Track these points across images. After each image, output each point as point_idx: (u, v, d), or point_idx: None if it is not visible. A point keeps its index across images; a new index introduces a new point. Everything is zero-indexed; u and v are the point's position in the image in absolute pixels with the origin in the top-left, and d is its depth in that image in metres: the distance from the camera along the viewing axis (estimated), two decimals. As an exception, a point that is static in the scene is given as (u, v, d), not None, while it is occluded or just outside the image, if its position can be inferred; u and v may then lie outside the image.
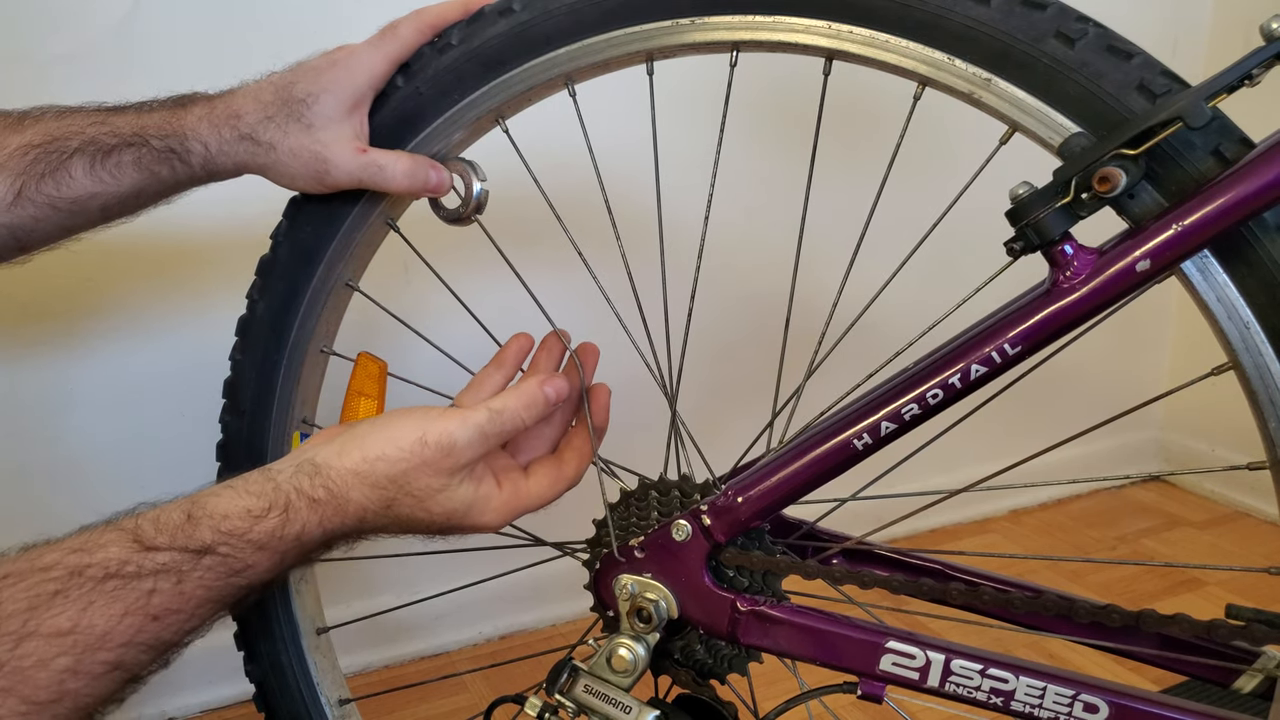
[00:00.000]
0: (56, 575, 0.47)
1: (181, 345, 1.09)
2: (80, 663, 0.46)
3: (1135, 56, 0.51)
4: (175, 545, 0.50)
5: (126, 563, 0.48)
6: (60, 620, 0.46)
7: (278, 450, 0.75)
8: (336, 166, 0.65)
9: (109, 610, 0.47)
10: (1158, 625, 0.55)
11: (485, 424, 0.58)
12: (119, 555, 0.48)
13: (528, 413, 0.61)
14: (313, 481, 0.54)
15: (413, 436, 0.56)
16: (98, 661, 0.47)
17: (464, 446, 0.57)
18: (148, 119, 0.65)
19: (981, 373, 0.56)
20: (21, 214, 0.63)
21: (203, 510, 0.51)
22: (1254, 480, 1.61)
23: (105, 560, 0.48)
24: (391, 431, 0.56)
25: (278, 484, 0.53)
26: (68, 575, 0.47)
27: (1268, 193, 0.48)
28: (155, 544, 0.49)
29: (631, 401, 0.96)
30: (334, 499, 0.54)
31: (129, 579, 0.48)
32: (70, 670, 0.46)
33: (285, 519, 0.53)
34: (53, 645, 0.46)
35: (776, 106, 1.17)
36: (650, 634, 0.66)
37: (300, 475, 0.54)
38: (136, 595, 0.48)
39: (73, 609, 0.46)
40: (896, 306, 0.75)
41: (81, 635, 0.46)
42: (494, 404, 0.59)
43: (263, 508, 0.52)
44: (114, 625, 0.47)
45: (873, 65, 0.58)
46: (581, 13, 0.62)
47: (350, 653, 1.24)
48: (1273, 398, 0.51)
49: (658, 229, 0.70)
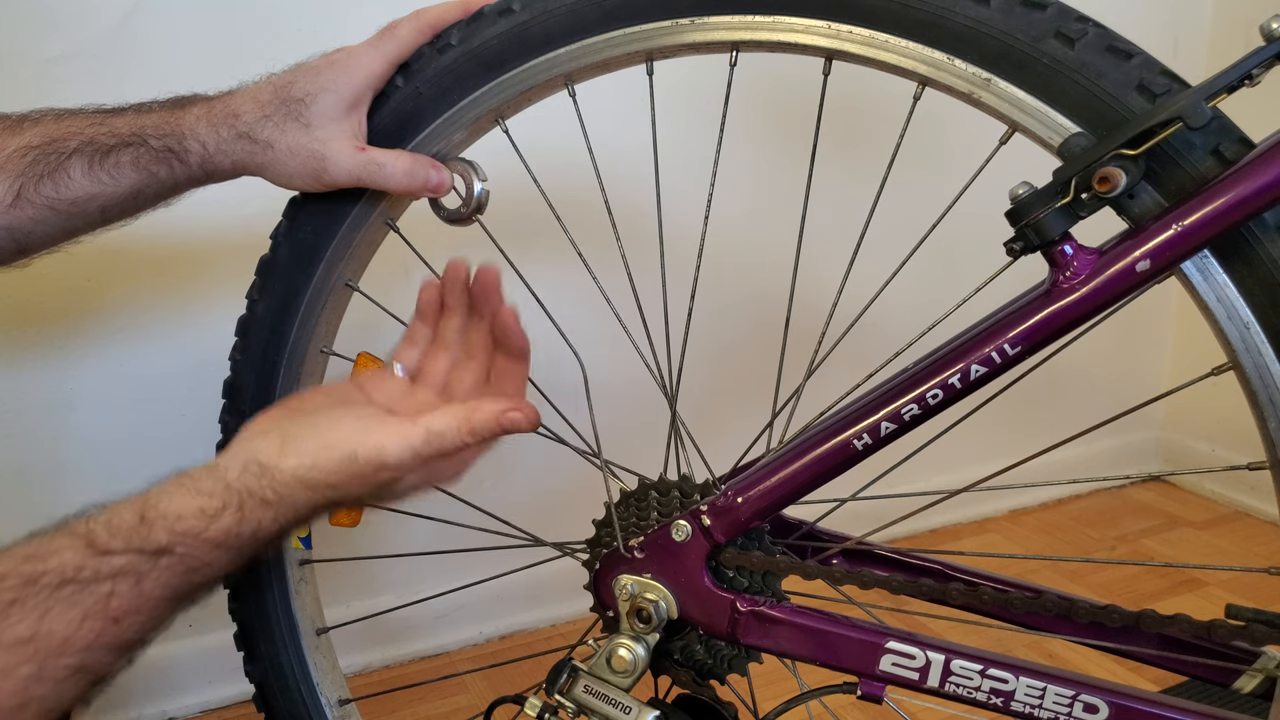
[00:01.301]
0: (11, 584, 0.46)
1: (181, 346, 1.09)
2: (43, 669, 0.47)
3: (1135, 56, 0.51)
4: (131, 548, 0.50)
5: (82, 568, 0.48)
6: (19, 629, 0.46)
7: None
8: (335, 165, 0.65)
9: (67, 615, 0.47)
10: (1158, 625, 0.55)
11: (420, 446, 0.56)
12: (73, 560, 0.48)
13: (473, 438, 0.57)
14: (259, 482, 0.54)
15: (344, 450, 0.55)
16: (60, 666, 0.47)
17: (394, 464, 0.56)
18: (146, 119, 0.65)
19: (981, 373, 0.56)
20: (20, 215, 0.63)
21: (156, 511, 0.51)
22: (1254, 480, 1.61)
23: (60, 566, 0.48)
24: (326, 438, 0.55)
25: (228, 483, 0.53)
26: (22, 584, 0.47)
27: (1268, 193, 0.48)
28: (110, 548, 0.49)
29: (631, 401, 0.96)
30: (282, 500, 0.55)
31: (85, 584, 0.48)
32: (34, 677, 0.46)
33: (241, 517, 0.53)
34: (14, 654, 0.46)
35: (776, 107, 1.17)
36: (650, 634, 0.66)
37: (248, 475, 0.54)
38: (94, 599, 0.48)
39: (31, 617, 0.46)
40: (896, 306, 0.75)
41: (42, 642, 0.47)
42: (435, 424, 0.56)
43: (216, 507, 0.52)
44: (74, 630, 0.48)
45: (872, 65, 0.58)
46: (581, 13, 0.62)
47: (350, 653, 1.24)
48: (1273, 398, 0.51)
49: (657, 229, 0.70)
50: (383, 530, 1.21)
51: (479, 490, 0.83)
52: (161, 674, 1.18)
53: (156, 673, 1.18)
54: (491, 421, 0.56)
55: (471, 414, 0.56)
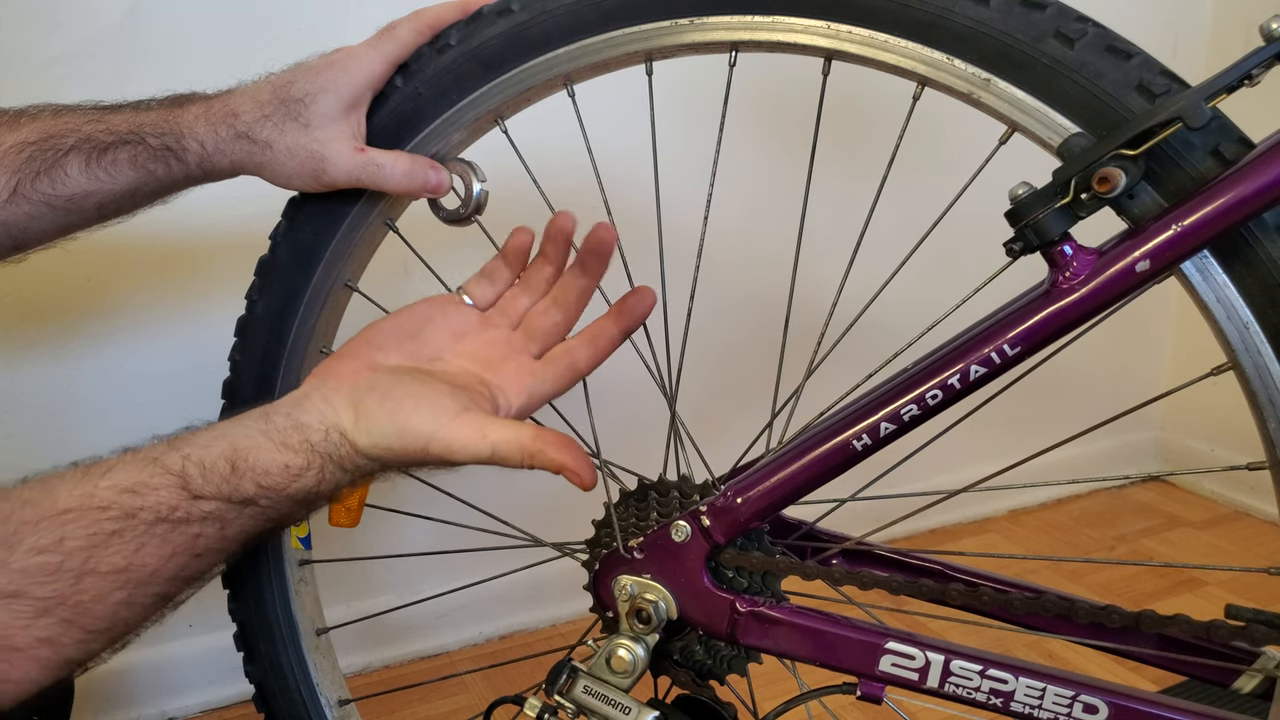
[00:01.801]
0: (113, 515, 0.50)
1: (181, 346, 1.09)
2: (132, 596, 0.52)
3: (1135, 56, 0.51)
4: (220, 495, 0.53)
5: (176, 508, 0.52)
6: (116, 559, 0.50)
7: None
8: (334, 165, 0.65)
9: (159, 551, 0.52)
10: (1157, 626, 0.55)
11: (483, 458, 0.58)
12: (169, 500, 0.52)
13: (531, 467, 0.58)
14: (339, 450, 0.57)
15: (417, 444, 0.57)
16: (147, 594, 0.53)
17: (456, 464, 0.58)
18: (144, 117, 0.65)
19: (981, 373, 0.56)
20: (17, 211, 0.63)
21: (245, 463, 0.54)
22: (1254, 480, 1.61)
23: (156, 504, 0.51)
24: (401, 423, 0.57)
25: (312, 445, 0.56)
26: (122, 516, 0.51)
27: (1267, 193, 0.48)
28: (203, 493, 0.53)
29: (631, 402, 0.96)
30: (356, 469, 0.58)
31: (178, 524, 0.52)
32: (124, 603, 0.52)
33: (321, 478, 0.56)
34: (109, 581, 0.50)
35: (775, 107, 1.17)
36: (649, 635, 0.66)
37: (329, 441, 0.56)
38: (184, 538, 0.53)
39: (127, 549, 0.51)
40: (896, 306, 0.75)
41: (134, 573, 0.51)
42: (501, 448, 0.57)
43: (300, 466, 0.55)
44: (163, 564, 0.52)
45: (872, 65, 0.58)
46: (580, 13, 0.62)
47: (350, 653, 1.25)
48: (1272, 398, 0.51)
49: (657, 229, 0.70)
50: (383, 530, 1.21)
51: (479, 490, 0.83)
52: (161, 674, 1.18)
53: (156, 673, 1.18)
54: (552, 466, 0.57)
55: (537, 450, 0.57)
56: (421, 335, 0.64)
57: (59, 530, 0.49)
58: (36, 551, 0.49)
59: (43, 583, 0.49)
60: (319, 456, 0.56)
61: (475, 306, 0.68)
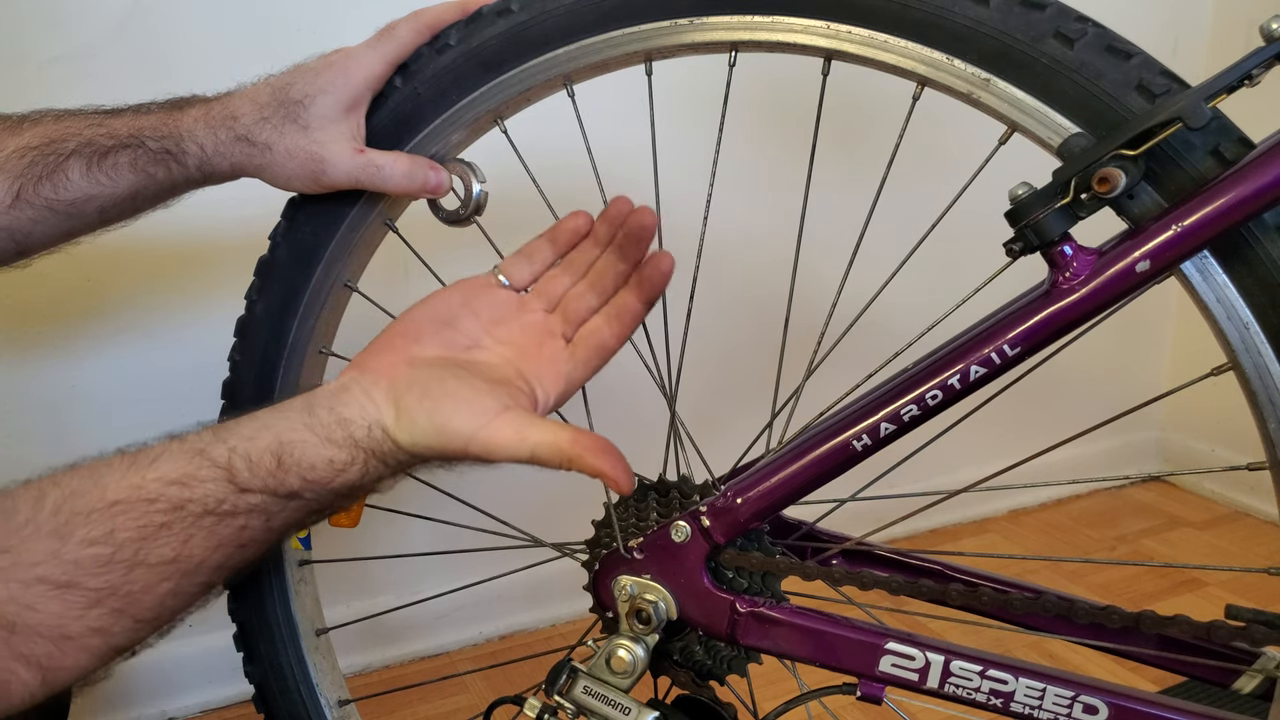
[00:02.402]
0: (161, 508, 0.51)
1: (181, 346, 1.09)
2: (180, 586, 0.53)
3: (1135, 56, 0.51)
4: (266, 489, 0.54)
5: (222, 501, 0.53)
6: (165, 551, 0.52)
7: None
8: (333, 166, 0.65)
9: (206, 543, 0.53)
10: (1157, 626, 0.55)
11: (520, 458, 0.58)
12: (216, 493, 0.53)
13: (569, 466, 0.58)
14: (382, 446, 0.57)
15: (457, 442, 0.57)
16: (194, 584, 0.54)
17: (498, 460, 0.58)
18: (144, 121, 0.65)
19: (981, 374, 0.56)
20: (20, 216, 0.63)
21: (291, 458, 0.54)
22: (1254, 480, 1.61)
23: (204, 497, 0.52)
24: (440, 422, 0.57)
25: (356, 440, 0.56)
26: (171, 509, 0.52)
27: (1267, 193, 0.48)
28: (249, 486, 0.53)
29: (630, 402, 0.96)
30: (400, 463, 0.58)
31: (224, 516, 0.53)
32: (171, 593, 0.53)
33: (364, 473, 0.56)
34: (158, 573, 0.52)
35: (775, 107, 1.17)
36: (649, 635, 0.66)
37: (372, 438, 0.57)
38: (230, 531, 0.54)
39: (176, 541, 0.52)
40: (896, 306, 0.75)
41: (182, 564, 0.52)
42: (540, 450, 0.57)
43: (344, 461, 0.56)
44: (209, 554, 0.53)
45: (871, 65, 0.58)
46: (580, 13, 0.62)
47: (350, 653, 1.24)
48: (1272, 398, 0.51)
49: (657, 229, 0.70)
50: (383, 530, 1.21)
51: (479, 490, 0.83)
52: (161, 674, 1.18)
53: (156, 673, 1.18)
54: (590, 471, 0.57)
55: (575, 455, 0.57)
56: (458, 322, 0.63)
57: (109, 522, 0.50)
58: (88, 543, 0.50)
59: (95, 574, 0.50)
60: (362, 452, 0.56)
61: (511, 287, 0.67)
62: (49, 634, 0.49)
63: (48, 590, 0.49)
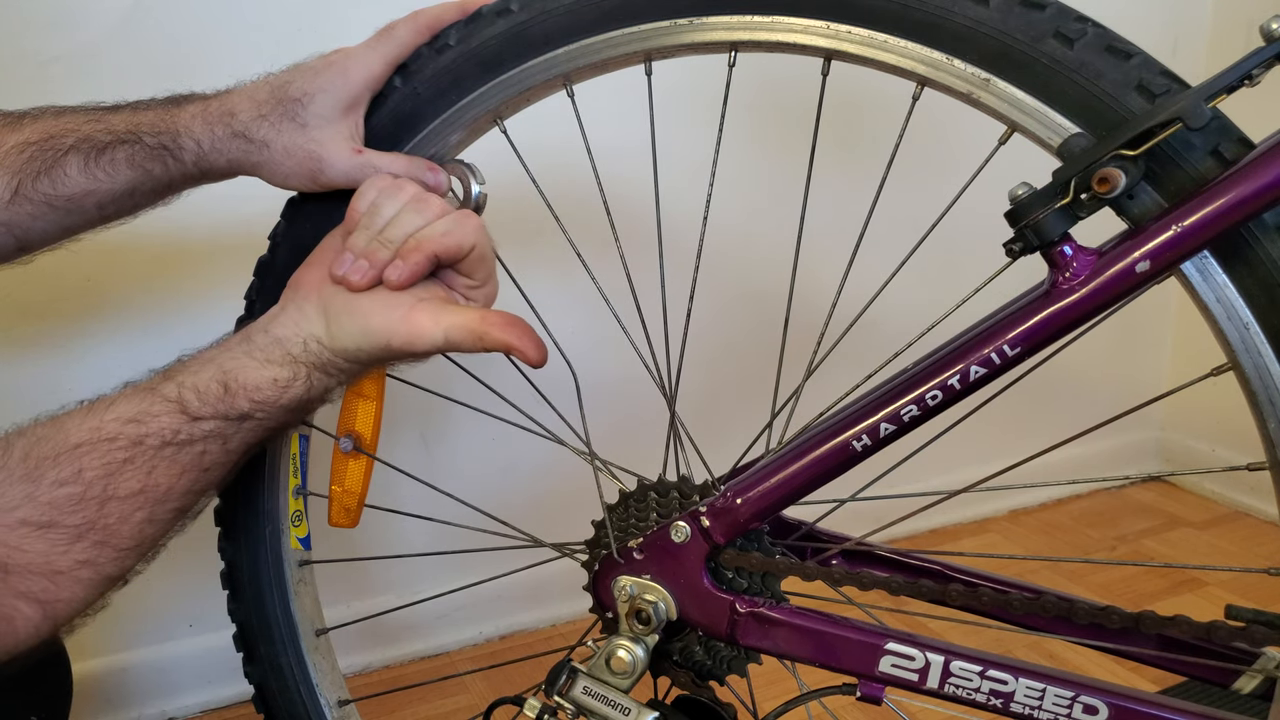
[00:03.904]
0: (121, 445, 0.55)
1: (181, 346, 1.08)
2: (153, 514, 0.57)
3: (1134, 56, 0.51)
4: (218, 414, 0.58)
5: (178, 431, 0.57)
6: (132, 483, 0.56)
7: (277, 454, 0.75)
8: (331, 166, 0.65)
9: (170, 471, 0.57)
10: (1157, 626, 0.55)
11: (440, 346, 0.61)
12: (171, 425, 0.57)
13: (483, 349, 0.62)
14: (319, 357, 0.61)
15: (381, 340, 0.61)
16: (167, 510, 0.58)
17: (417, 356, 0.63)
18: (142, 116, 0.65)
19: (981, 374, 0.56)
20: (19, 212, 0.64)
21: (236, 382, 0.59)
22: (1254, 480, 1.61)
23: (159, 430, 0.56)
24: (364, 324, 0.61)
25: (294, 356, 0.61)
26: (130, 444, 0.56)
27: (1267, 193, 0.48)
28: (201, 414, 0.58)
29: (630, 402, 0.96)
30: (337, 371, 0.63)
31: (182, 445, 0.57)
32: (146, 520, 0.57)
33: (309, 385, 0.61)
34: (130, 504, 0.56)
35: (775, 106, 1.17)
36: (649, 635, 0.66)
37: (309, 351, 0.61)
38: (190, 457, 0.58)
39: (140, 473, 0.56)
40: (896, 306, 0.75)
41: (151, 493, 0.56)
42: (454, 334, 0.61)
43: (287, 378, 0.60)
44: (175, 481, 0.57)
45: (871, 65, 0.58)
46: (579, 13, 0.62)
47: (350, 653, 1.24)
48: (1272, 398, 0.51)
49: (656, 229, 0.70)
50: (383, 530, 1.21)
51: (479, 490, 0.83)
52: (161, 674, 1.18)
53: (156, 673, 1.18)
54: (499, 346, 0.61)
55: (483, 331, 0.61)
56: None
57: (76, 463, 0.54)
58: (59, 484, 0.53)
59: (70, 512, 0.54)
60: (303, 366, 0.60)
61: None
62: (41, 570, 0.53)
63: (30, 531, 0.53)
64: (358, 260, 0.61)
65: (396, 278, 0.61)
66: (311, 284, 0.63)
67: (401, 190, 0.63)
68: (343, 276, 0.61)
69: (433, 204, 0.62)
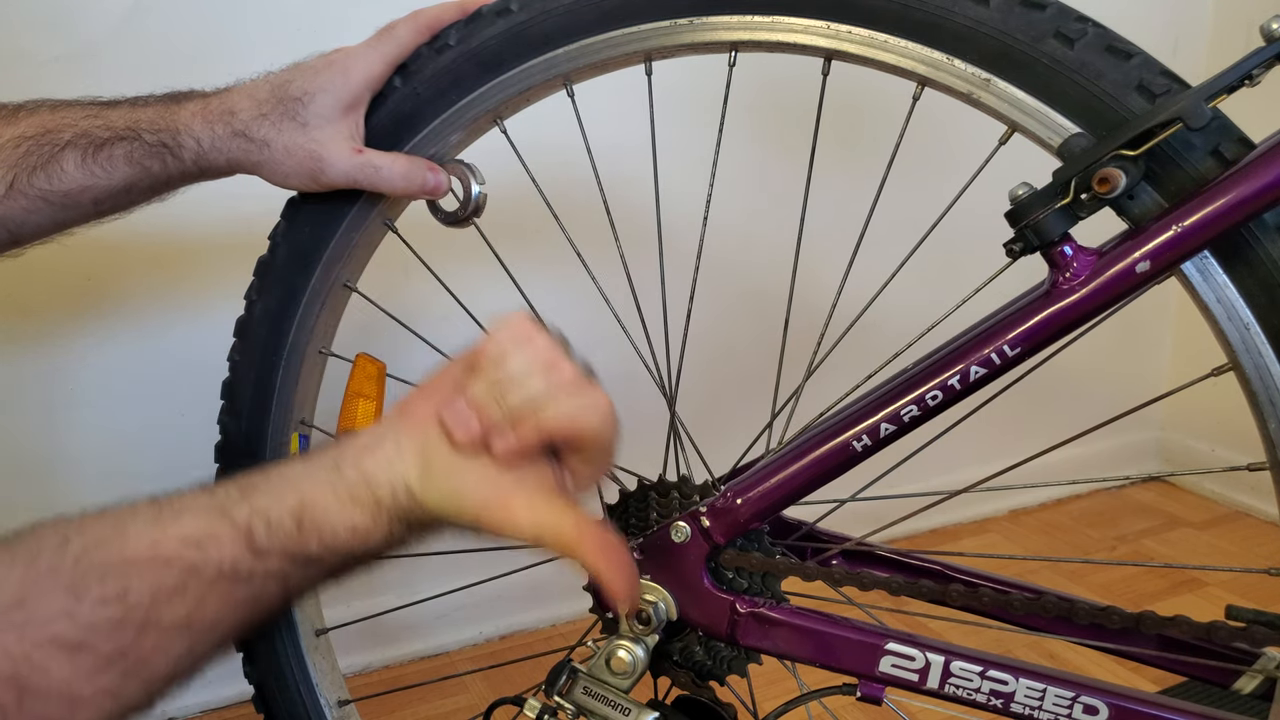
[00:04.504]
0: (176, 569, 0.49)
1: (180, 346, 1.09)
2: (193, 646, 0.51)
3: (1135, 56, 0.51)
4: (285, 553, 0.52)
5: (239, 563, 0.51)
6: (178, 613, 0.50)
7: (276, 452, 0.75)
8: (331, 166, 0.65)
9: (220, 605, 0.51)
10: (1158, 627, 0.55)
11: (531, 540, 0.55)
12: (232, 555, 0.50)
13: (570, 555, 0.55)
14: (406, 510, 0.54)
15: (474, 512, 0.54)
16: (207, 642, 0.52)
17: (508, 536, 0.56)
18: (141, 113, 0.65)
19: (981, 374, 0.56)
20: (13, 206, 0.63)
21: (313, 522, 0.52)
22: (1254, 480, 1.61)
23: (219, 559, 0.50)
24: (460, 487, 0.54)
25: (380, 502, 0.53)
26: (186, 571, 0.50)
27: (1268, 193, 0.48)
28: (267, 549, 0.51)
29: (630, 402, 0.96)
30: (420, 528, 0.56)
31: (240, 580, 0.51)
32: (185, 654, 0.51)
33: (388, 535, 0.54)
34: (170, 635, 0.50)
35: (775, 107, 1.17)
36: (649, 636, 0.66)
37: (397, 501, 0.54)
38: (245, 594, 0.52)
39: (189, 603, 0.50)
40: (896, 307, 0.75)
41: (195, 626, 0.50)
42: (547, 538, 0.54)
43: (368, 527, 0.53)
44: (224, 616, 0.51)
45: (872, 65, 0.58)
46: (579, 13, 0.62)
47: (350, 653, 1.24)
48: (1273, 399, 0.51)
49: (656, 229, 0.70)
50: (382, 530, 1.21)
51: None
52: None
53: (156, 673, 1.18)
54: (591, 569, 0.55)
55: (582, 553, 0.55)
56: None
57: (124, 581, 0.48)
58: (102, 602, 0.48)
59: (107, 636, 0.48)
60: (387, 516, 0.53)
61: None
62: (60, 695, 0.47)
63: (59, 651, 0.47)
64: (469, 413, 0.54)
65: (503, 450, 0.53)
66: (420, 420, 0.55)
67: (532, 344, 0.54)
68: (448, 427, 0.54)
69: (564, 371, 0.54)
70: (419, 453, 0.54)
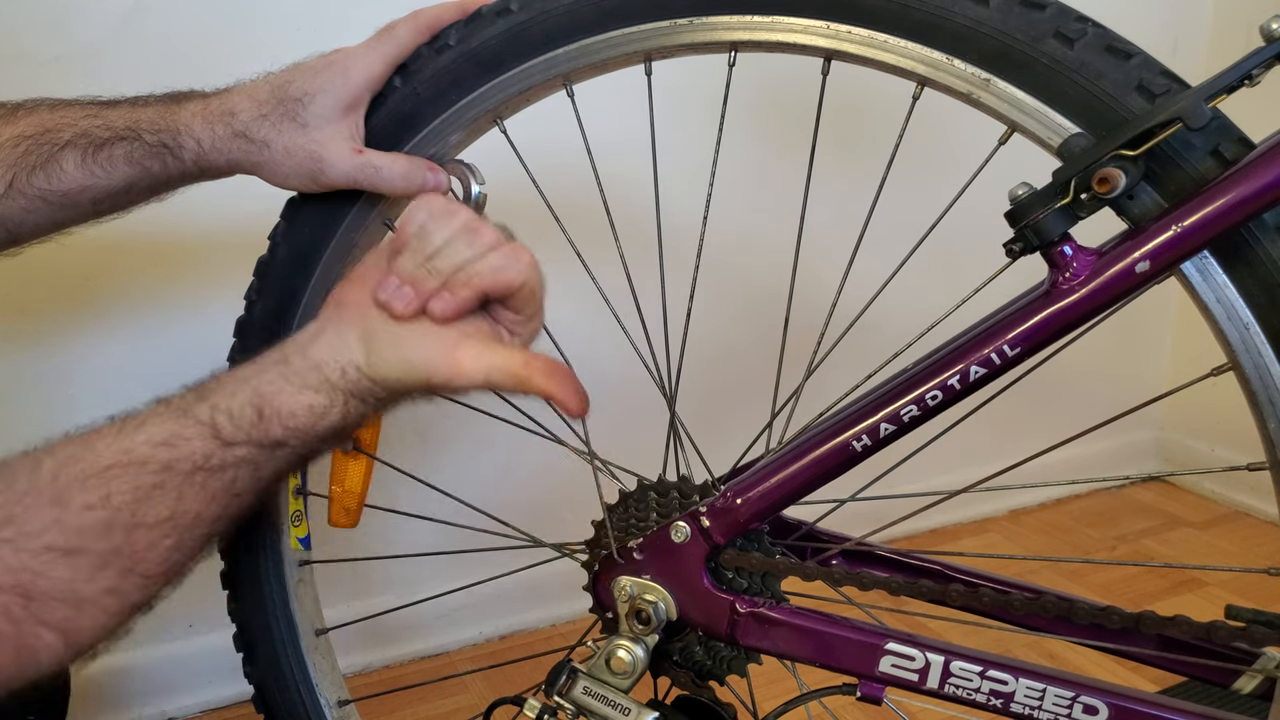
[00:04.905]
0: (152, 469, 0.53)
1: (180, 346, 1.09)
2: (181, 541, 0.55)
3: (1135, 56, 0.51)
4: (251, 440, 0.56)
5: (210, 456, 0.55)
6: (161, 510, 0.53)
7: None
8: (331, 166, 0.65)
9: (200, 497, 0.55)
10: (1157, 626, 0.55)
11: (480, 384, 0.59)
12: (203, 449, 0.54)
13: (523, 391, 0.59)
14: (357, 385, 0.58)
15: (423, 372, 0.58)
16: (194, 536, 0.56)
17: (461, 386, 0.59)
18: (141, 113, 0.65)
19: (980, 374, 0.56)
20: (12, 206, 0.63)
21: (271, 408, 0.56)
22: (1254, 480, 1.61)
23: (191, 454, 0.54)
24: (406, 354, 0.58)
25: (331, 382, 0.57)
26: (161, 469, 0.53)
27: (1267, 193, 0.48)
28: (234, 439, 0.55)
29: (630, 402, 0.96)
30: (379, 399, 0.60)
31: (213, 470, 0.55)
32: (174, 548, 0.55)
33: (345, 413, 0.58)
34: (158, 531, 0.54)
35: (775, 106, 1.17)
36: (649, 635, 0.66)
37: (347, 378, 0.58)
38: (221, 483, 0.55)
39: (170, 499, 0.54)
40: (896, 306, 0.75)
41: (179, 519, 0.54)
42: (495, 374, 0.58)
43: (324, 405, 0.57)
44: (205, 507, 0.55)
45: (871, 65, 0.58)
46: (579, 13, 0.62)
47: (350, 653, 1.24)
48: (1272, 398, 0.51)
49: (656, 229, 0.70)
50: (383, 530, 1.21)
51: (479, 490, 0.83)
52: (161, 674, 1.18)
53: (156, 673, 1.18)
54: (540, 393, 0.59)
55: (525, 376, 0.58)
56: None
57: (105, 487, 0.52)
58: (87, 508, 0.51)
59: (98, 538, 0.52)
60: (340, 393, 0.57)
61: None
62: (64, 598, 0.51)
63: (56, 557, 0.50)
64: (403, 287, 0.58)
65: (441, 311, 0.58)
66: (354, 305, 0.60)
67: (453, 216, 0.59)
68: (386, 303, 0.58)
69: (485, 235, 0.58)
70: (360, 336, 0.58)
